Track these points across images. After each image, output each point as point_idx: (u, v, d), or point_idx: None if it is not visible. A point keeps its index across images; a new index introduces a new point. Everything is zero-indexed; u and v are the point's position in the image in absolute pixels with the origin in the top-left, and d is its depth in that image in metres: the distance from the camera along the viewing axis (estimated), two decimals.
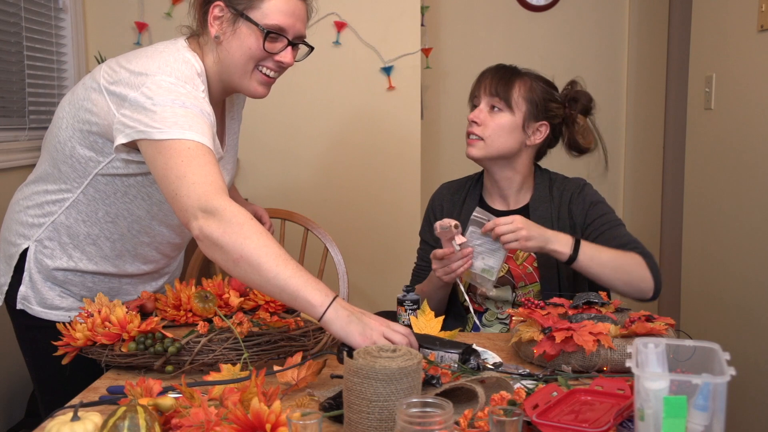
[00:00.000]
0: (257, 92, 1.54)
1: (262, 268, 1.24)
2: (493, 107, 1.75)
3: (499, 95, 1.74)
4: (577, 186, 1.80)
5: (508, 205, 1.82)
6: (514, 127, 1.74)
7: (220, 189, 1.31)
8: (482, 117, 1.75)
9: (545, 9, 3.50)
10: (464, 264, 1.60)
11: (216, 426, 0.94)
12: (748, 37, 2.36)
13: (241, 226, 1.26)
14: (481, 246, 1.61)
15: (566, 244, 1.60)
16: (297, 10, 1.51)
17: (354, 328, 1.21)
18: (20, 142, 2.47)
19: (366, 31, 2.91)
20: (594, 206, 1.77)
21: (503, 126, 1.74)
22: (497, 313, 1.77)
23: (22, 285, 1.56)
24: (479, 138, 1.75)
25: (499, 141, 1.74)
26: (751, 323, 2.36)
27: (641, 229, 3.56)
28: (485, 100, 1.76)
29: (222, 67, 1.51)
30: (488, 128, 1.74)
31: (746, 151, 2.39)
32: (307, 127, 2.97)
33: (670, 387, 0.89)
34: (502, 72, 1.78)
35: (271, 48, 1.49)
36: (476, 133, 1.75)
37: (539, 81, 1.79)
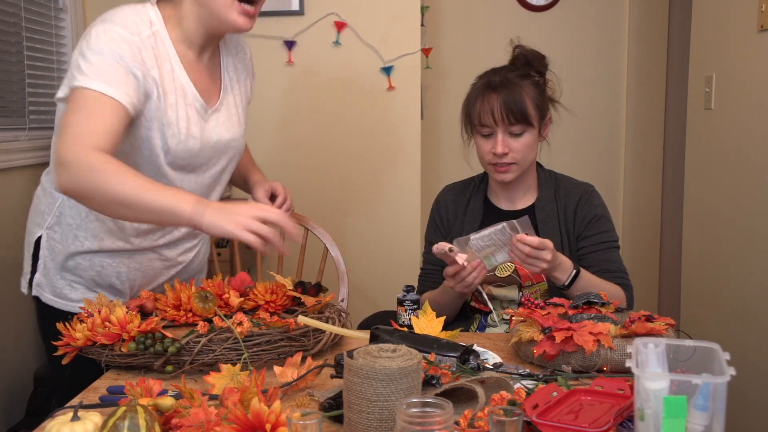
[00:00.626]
0: (239, 24, 1.49)
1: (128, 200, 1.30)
2: (512, 133, 1.71)
3: (518, 121, 1.70)
4: (585, 191, 1.80)
5: (514, 205, 1.82)
6: (535, 137, 1.74)
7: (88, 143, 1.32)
8: (507, 145, 1.71)
9: (545, 9, 3.50)
10: (479, 275, 1.60)
11: (216, 426, 0.94)
12: (748, 37, 2.36)
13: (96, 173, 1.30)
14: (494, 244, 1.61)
15: (566, 272, 1.61)
16: None
17: (224, 219, 1.26)
18: (20, 142, 2.47)
19: (366, 31, 2.91)
20: (597, 220, 1.77)
21: (529, 144, 1.73)
22: (503, 313, 1.77)
23: (37, 272, 1.62)
24: (510, 163, 1.72)
25: (528, 157, 1.74)
26: (751, 323, 2.36)
27: (641, 230, 3.56)
28: (503, 128, 1.70)
29: (201, 6, 1.50)
30: (518, 152, 1.71)
31: (746, 151, 2.39)
32: (307, 127, 2.97)
33: (670, 387, 0.89)
34: (506, 93, 1.70)
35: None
36: (506, 162, 1.72)
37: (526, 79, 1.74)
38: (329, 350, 1.42)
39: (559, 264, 1.60)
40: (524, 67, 1.76)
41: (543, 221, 1.76)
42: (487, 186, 1.87)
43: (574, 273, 1.61)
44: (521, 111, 1.69)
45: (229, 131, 1.66)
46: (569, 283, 1.61)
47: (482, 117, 1.72)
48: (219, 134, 1.62)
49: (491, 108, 1.70)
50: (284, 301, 1.61)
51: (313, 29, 2.91)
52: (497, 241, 1.60)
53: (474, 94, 1.76)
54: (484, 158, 1.76)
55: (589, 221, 1.76)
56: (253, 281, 1.68)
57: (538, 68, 1.77)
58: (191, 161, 1.57)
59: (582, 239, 1.75)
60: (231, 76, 1.68)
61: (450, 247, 1.58)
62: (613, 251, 1.77)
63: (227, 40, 1.67)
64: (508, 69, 1.77)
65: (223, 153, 1.66)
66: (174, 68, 1.51)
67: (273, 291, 1.61)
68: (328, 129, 2.97)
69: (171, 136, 1.50)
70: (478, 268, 1.60)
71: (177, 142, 1.51)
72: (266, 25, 2.90)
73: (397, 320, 1.56)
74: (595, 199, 1.79)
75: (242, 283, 1.67)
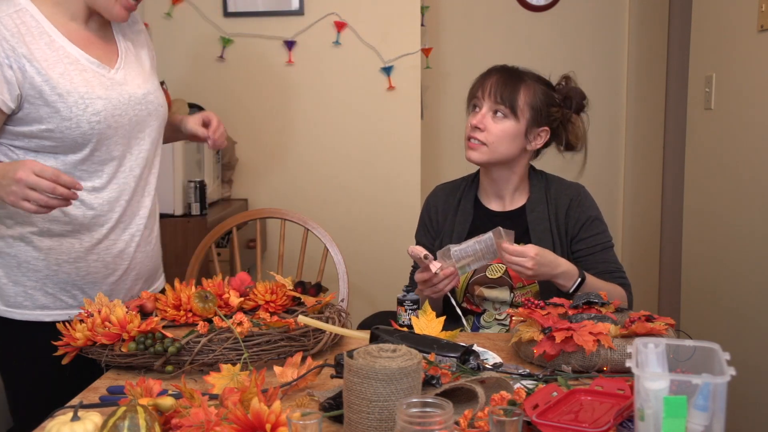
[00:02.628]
0: (120, 16, 1.53)
1: None
2: (497, 112, 1.73)
3: (504, 102, 1.71)
4: (576, 192, 1.80)
5: (504, 206, 1.82)
6: (517, 134, 1.73)
7: None
8: (485, 122, 1.73)
9: (545, 9, 3.50)
10: (450, 283, 1.61)
11: (216, 426, 0.94)
12: (748, 37, 2.36)
13: None
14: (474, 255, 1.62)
15: (571, 279, 1.62)
16: None
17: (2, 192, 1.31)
18: None
19: (366, 31, 2.91)
20: (591, 222, 1.77)
21: (507, 133, 1.73)
22: (495, 314, 1.77)
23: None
24: (482, 143, 1.73)
25: (501, 147, 1.74)
26: (750, 323, 2.36)
27: (641, 230, 3.57)
28: (488, 105, 1.73)
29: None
30: (491, 134, 1.72)
31: (746, 151, 2.39)
32: (307, 127, 2.97)
33: (670, 387, 0.89)
34: (506, 76, 1.74)
35: None
36: (479, 138, 1.73)
37: (540, 84, 1.77)
38: (329, 350, 1.42)
39: (558, 274, 1.61)
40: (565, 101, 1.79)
41: (534, 222, 1.76)
42: (478, 186, 1.87)
43: (579, 281, 1.62)
44: (511, 96, 1.71)
45: (141, 87, 1.61)
46: (574, 291, 1.62)
47: (477, 89, 1.76)
48: (131, 90, 1.58)
49: (488, 83, 1.74)
50: (284, 301, 1.61)
51: (313, 29, 2.91)
52: (478, 252, 1.61)
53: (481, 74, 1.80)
54: (465, 133, 1.78)
55: (582, 224, 1.76)
56: (253, 281, 1.68)
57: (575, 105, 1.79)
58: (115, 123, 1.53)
59: (577, 242, 1.76)
60: (128, 45, 1.65)
61: (426, 254, 1.59)
62: (609, 251, 1.78)
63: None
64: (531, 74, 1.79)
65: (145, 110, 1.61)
66: (54, 40, 1.49)
67: (273, 291, 1.61)
68: (328, 129, 2.97)
69: (74, 104, 1.46)
70: (450, 276, 1.61)
71: (84, 107, 1.47)
72: (266, 25, 2.90)
73: (397, 320, 1.56)
74: (586, 201, 1.80)
75: (242, 283, 1.67)
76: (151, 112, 1.64)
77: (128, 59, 1.62)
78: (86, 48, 1.53)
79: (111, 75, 1.55)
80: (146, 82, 1.64)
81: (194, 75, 2.97)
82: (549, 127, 1.77)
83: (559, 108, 1.78)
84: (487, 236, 1.60)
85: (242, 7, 2.90)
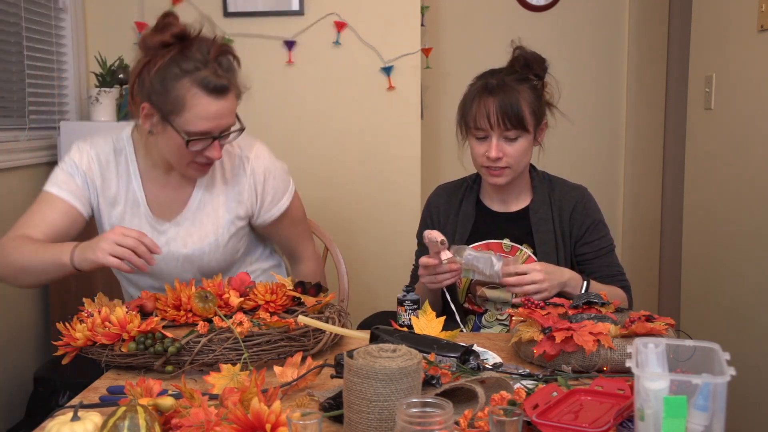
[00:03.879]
0: (193, 175, 1.68)
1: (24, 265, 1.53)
2: (507, 138, 1.70)
3: (513, 127, 1.68)
4: (580, 195, 1.80)
5: (508, 208, 1.82)
6: (530, 143, 1.73)
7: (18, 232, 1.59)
8: (501, 151, 1.69)
9: (545, 9, 3.50)
10: (451, 278, 1.62)
11: (216, 426, 0.94)
12: (748, 37, 2.36)
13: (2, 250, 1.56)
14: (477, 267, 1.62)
15: (576, 287, 1.63)
16: (219, 111, 1.57)
17: (89, 251, 1.45)
18: (20, 142, 2.47)
19: (366, 31, 2.91)
20: (596, 226, 1.78)
21: (524, 149, 1.72)
22: (497, 314, 1.77)
23: None
24: (504, 167, 1.71)
25: (523, 162, 1.74)
26: (750, 323, 2.36)
27: (641, 230, 3.56)
28: (498, 133, 1.68)
29: (161, 154, 1.66)
30: (512, 157, 1.70)
31: (746, 151, 2.39)
32: (307, 127, 2.97)
33: (670, 387, 0.89)
34: (502, 97, 1.68)
35: (196, 148, 1.58)
36: (500, 166, 1.70)
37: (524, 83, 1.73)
38: (329, 350, 1.42)
39: (564, 282, 1.62)
40: (523, 70, 1.75)
41: (537, 224, 1.76)
42: (479, 187, 1.86)
43: (585, 284, 1.64)
44: (517, 116, 1.68)
45: (188, 246, 1.71)
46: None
47: (478, 120, 1.70)
48: (174, 248, 1.70)
49: (487, 112, 1.68)
50: (284, 301, 1.61)
51: (313, 29, 2.91)
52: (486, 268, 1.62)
53: (470, 96, 1.74)
54: (478, 161, 1.74)
55: (587, 228, 1.77)
56: (253, 281, 1.68)
57: (537, 71, 1.76)
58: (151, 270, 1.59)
59: (582, 245, 1.77)
60: (206, 198, 1.72)
61: (443, 239, 1.59)
62: (612, 254, 1.80)
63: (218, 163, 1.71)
64: (506, 72, 1.75)
65: (181, 267, 1.73)
66: (132, 182, 1.70)
67: (273, 291, 1.61)
68: (328, 129, 2.97)
69: None
70: (454, 271, 1.61)
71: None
72: (266, 25, 2.90)
73: (397, 320, 1.56)
74: (590, 204, 1.80)
75: (242, 283, 1.67)
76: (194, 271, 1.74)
77: (194, 215, 1.71)
78: (156, 195, 1.70)
79: (163, 228, 1.70)
80: (202, 240, 1.71)
81: None
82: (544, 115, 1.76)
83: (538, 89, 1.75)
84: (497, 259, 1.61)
85: (242, 7, 2.90)
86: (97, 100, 2.53)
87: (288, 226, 1.85)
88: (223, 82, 1.55)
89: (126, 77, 2.63)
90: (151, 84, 1.54)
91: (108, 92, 2.54)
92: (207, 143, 1.58)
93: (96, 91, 2.53)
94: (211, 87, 1.54)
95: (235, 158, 1.74)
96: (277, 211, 1.79)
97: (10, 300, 2.37)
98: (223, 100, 1.56)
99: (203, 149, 1.58)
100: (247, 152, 1.74)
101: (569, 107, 1.86)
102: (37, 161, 2.54)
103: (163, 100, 1.53)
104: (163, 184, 1.70)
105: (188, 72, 1.53)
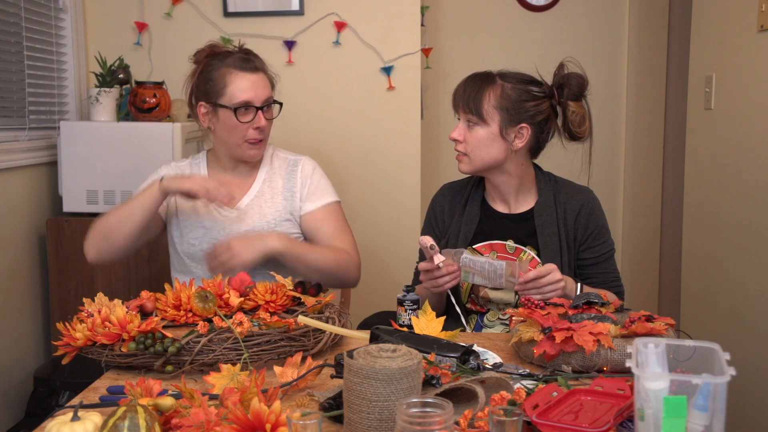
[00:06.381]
0: (250, 156, 1.93)
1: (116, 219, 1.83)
2: (469, 121, 1.74)
3: (471, 110, 1.73)
4: (587, 199, 1.80)
5: (510, 209, 1.82)
6: (493, 138, 1.72)
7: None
8: (462, 134, 1.75)
9: (545, 9, 3.50)
10: (450, 281, 1.63)
11: (216, 426, 0.94)
12: (748, 37, 2.36)
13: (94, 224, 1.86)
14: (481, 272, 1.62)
15: (572, 291, 1.64)
16: (254, 82, 1.87)
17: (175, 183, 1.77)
18: (20, 142, 2.46)
19: (366, 31, 2.91)
20: (599, 231, 1.79)
21: (481, 139, 1.73)
22: (499, 314, 1.77)
23: None
24: (463, 154, 1.76)
25: (481, 154, 1.74)
26: (751, 323, 2.36)
27: (641, 230, 3.56)
28: (462, 117, 1.76)
29: (222, 145, 1.94)
30: (468, 144, 1.74)
31: (746, 151, 2.39)
32: (307, 127, 2.97)
33: (670, 387, 0.89)
34: (471, 84, 1.75)
35: (244, 118, 1.86)
36: (459, 150, 1.76)
37: (513, 81, 1.74)
38: (329, 350, 1.42)
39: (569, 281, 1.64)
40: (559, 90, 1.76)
41: (542, 226, 1.76)
42: (484, 188, 1.86)
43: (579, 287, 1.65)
44: (476, 103, 1.72)
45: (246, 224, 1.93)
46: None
47: (453, 102, 1.79)
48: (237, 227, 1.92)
49: (459, 94, 1.77)
50: (284, 301, 1.61)
51: (313, 29, 2.91)
52: (485, 272, 1.62)
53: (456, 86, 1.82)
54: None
55: (591, 233, 1.78)
56: (253, 281, 1.68)
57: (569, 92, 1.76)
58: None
59: (585, 250, 1.78)
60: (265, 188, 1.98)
61: (432, 243, 1.61)
62: (611, 260, 1.82)
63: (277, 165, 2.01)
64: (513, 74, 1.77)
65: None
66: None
67: (273, 291, 1.61)
68: (328, 129, 2.97)
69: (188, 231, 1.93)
70: (453, 273, 1.62)
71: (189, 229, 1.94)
72: (266, 25, 2.90)
73: (397, 320, 1.56)
74: (596, 209, 1.80)
75: (242, 283, 1.67)
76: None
77: (253, 201, 1.96)
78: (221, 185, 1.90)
79: (225, 213, 1.93)
80: (262, 218, 1.94)
81: None
82: (529, 123, 1.73)
83: (541, 101, 1.74)
84: (500, 264, 1.60)
85: (242, 7, 2.90)
86: (97, 100, 2.52)
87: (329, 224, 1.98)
88: (253, 61, 1.89)
89: (126, 77, 2.64)
90: (198, 84, 1.90)
91: (108, 92, 2.54)
92: (252, 114, 1.86)
93: (96, 91, 2.53)
94: (243, 64, 1.87)
95: (289, 161, 2.02)
96: (320, 203, 1.98)
97: (10, 300, 2.37)
98: (255, 74, 1.88)
99: (251, 121, 1.86)
100: (299, 158, 2.03)
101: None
102: (37, 161, 2.54)
103: (210, 89, 1.87)
104: (226, 180, 1.94)
105: (223, 61, 1.88)
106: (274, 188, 1.97)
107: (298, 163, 2.01)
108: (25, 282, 2.46)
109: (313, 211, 1.97)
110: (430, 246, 1.60)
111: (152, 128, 2.48)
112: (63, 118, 2.74)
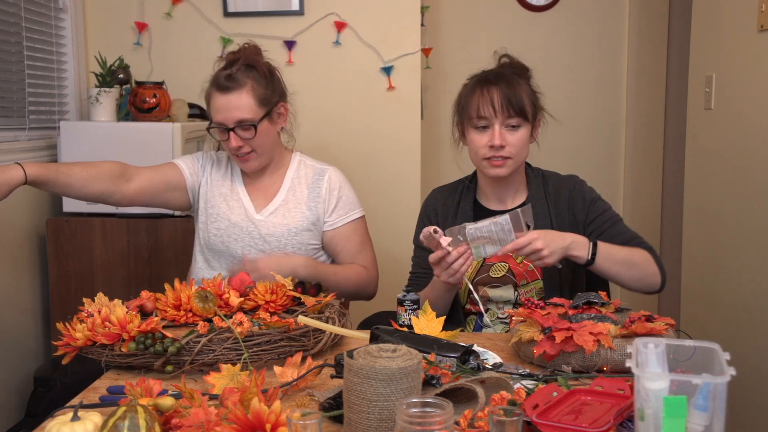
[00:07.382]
0: (245, 168, 1.97)
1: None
2: (510, 126, 1.71)
3: (516, 113, 1.69)
4: (572, 183, 1.80)
5: (506, 206, 1.82)
6: (528, 136, 1.74)
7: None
8: (504, 138, 1.70)
9: (545, 9, 3.50)
10: (465, 261, 1.58)
11: (216, 426, 0.94)
12: (748, 37, 2.36)
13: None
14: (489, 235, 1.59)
15: (584, 247, 1.60)
16: (226, 103, 1.86)
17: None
18: (20, 142, 2.46)
19: (366, 31, 2.91)
20: (594, 204, 1.78)
21: (524, 139, 1.73)
22: (498, 313, 1.77)
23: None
24: (506, 158, 1.71)
25: (522, 154, 1.75)
26: (751, 323, 2.36)
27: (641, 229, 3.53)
28: (500, 120, 1.69)
29: None
30: (513, 146, 1.70)
31: (746, 151, 2.39)
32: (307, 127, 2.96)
33: (670, 387, 0.89)
34: (505, 86, 1.71)
35: (221, 137, 1.91)
36: (502, 155, 1.70)
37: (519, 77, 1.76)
38: (329, 350, 1.42)
39: (568, 245, 1.59)
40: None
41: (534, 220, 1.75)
42: (476, 187, 1.86)
43: (592, 245, 1.61)
44: (519, 104, 1.70)
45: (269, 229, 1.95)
46: (592, 258, 1.60)
47: (481, 108, 1.70)
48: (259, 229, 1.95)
49: (491, 99, 1.69)
50: (284, 301, 1.61)
51: (313, 29, 2.91)
52: (493, 233, 1.57)
53: (469, 89, 1.77)
54: (479, 153, 1.73)
55: (588, 208, 1.77)
56: (253, 281, 1.68)
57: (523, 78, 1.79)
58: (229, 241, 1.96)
59: (590, 224, 1.76)
60: (289, 197, 1.99)
61: (434, 228, 1.56)
62: (619, 224, 1.77)
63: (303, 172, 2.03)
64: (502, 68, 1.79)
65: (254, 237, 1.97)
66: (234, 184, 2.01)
67: (273, 291, 1.61)
68: (328, 129, 2.96)
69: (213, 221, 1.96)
70: (465, 254, 1.57)
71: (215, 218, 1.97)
72: (266, 25, 2.90)
73: (397, 320, 1.56)
74: (585, 187, 1.81)
75: (242, 283, 1.67)
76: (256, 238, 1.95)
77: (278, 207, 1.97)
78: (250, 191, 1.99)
79: (252, 216, 1.96)
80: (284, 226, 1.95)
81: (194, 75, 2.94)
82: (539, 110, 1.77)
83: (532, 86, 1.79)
84: (503, 218, 1.56)
85: (242, 7, 2.90)
86: (97, 100, 2.52)
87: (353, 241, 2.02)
88: (229, 82, 1.85)
89: (126, 77, 2.64)
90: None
91: (108, 92, 2.54)
92: (226, 134, 1.87)
93: (96, 91, 2.53)
94: (221, 83, 1.86)
95: (316, 170, 2.03)
96: (346, 219, 2.00)
97: (10, 300, 2.37)
98: (230, 95, 1.85)
99: (227, 140, 1.87)
100: (326, 167, 2.04)
101: (569, 107, 1.87)
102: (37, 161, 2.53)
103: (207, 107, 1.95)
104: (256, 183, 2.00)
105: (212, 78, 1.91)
106: (299, 197, 1.99)
107: (324, 173, 2.02)
108: (25, 282, 2.46)
109: (338, 228, 1.99)
110: (434, 230, 1.56)
111: (152, 128, 2.48)
112: (63, 118, 2.74)
